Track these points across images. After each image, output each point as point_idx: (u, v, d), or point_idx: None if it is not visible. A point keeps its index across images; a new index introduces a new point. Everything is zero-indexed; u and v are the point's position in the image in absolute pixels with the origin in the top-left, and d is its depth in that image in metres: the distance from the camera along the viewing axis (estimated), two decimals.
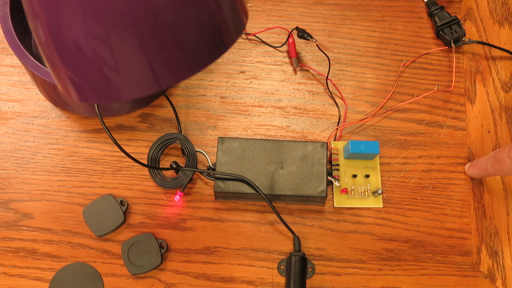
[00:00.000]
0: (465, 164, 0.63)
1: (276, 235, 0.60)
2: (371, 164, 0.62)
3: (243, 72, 0.67)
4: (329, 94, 0.66)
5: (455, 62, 0.67)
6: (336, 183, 0.60)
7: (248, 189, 0.58)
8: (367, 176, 0.61)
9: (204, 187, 0.62)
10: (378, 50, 0.69)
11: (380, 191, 0.60)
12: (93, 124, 0.64)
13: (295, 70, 0.67)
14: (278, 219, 0.59)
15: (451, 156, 0.64)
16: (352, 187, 0.61)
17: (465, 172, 0.63)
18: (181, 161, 0.62)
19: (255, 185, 0.58)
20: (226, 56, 0.68)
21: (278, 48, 0.68)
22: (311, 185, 0.58)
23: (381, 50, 0.69)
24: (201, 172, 0.61)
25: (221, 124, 0.64)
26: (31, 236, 0.59)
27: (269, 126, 0.65)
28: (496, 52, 0.68)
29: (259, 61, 0.68)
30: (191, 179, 0.60)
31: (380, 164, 0.62)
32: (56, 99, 0.62)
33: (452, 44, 0.67)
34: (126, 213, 0.60)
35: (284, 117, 0.65)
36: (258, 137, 0.64)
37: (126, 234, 0.59)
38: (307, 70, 0.67)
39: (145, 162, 0.61)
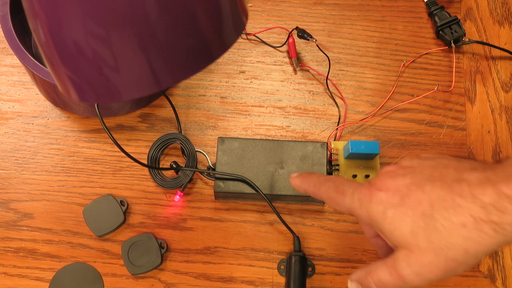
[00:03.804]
0: None
1: (276, 235, 0.60)
2: (371, 164, 0.62)
3: (243, 72, 0.67)
4: (329, 94, 0.66)
5: (455, 62, 0.67)
6: None
7: (248, 189, 0.58)
8: (367, 176, 0.61)
9: (204, 187, 0.62)
10: (378, 50, 0.69)
11: None
12: (93, 124, 0.64)
13: (295, 70, 0.68)
14: (278, 219, 0.59)
15: (451, 156, 0.64)
16: None
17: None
18: (181, 161, 0.62)
19: (255, 185, 0.58)
20: (226, 56, 0.68)
21: (278, 48, 0.68)
22: None
23: (381, 50, 0.69)
24: (201, 172, 0.61)
25: (221, 124, 0.65)
26: (31, 236, 0.59)
27: (269, 126, 0.65)
28: (496, 52, 0.68)
29: (259, 61, 0.68)
30: (191, 179, 0.60)
31: (380, 164, 0.62)
32: (56, 99, 0.62)
33: (452, 44, 0.67)
34: (126, 213, 0.60)
35: (284, 117, 0.65)
36: (258, 137, 0.64)
37: (126, 234, 0.59)
38: (307, 70, 0.67)
39: (145, 162, 0.61)
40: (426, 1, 0.70)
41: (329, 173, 0.60)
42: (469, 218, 0.34)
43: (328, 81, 0.66)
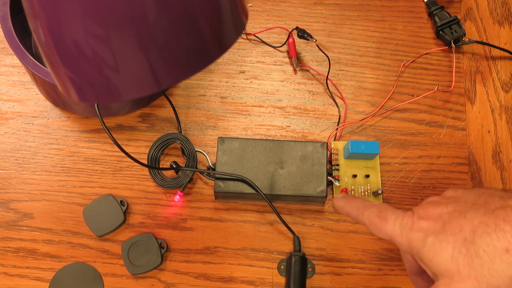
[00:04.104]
0: (465, 164, 0.63)
1: (276, 235, 0.60)
2: (371, 164, 0.62)
3: (243, 72, 0.67)
4: (329, 94, 0.66)
5: (455, 62, 0.67)
6: (336, 183, 0.60)
7: (248, 189, 0.58)
8: (367, 176, 0.61)
9: (204, 187, 0.62)
10: (378, 50, 0.69)
11: (380, 191, 0.60)
12: (93, 124, 0.64)
13: (295, 70, 0.68)
14: (278, 219, 0.59)
15: (451, 156, 0.64)
16: (352, 187, 0.61)
17: (332, 200, 0.49)
18: (181, 161, 0.62)
19: (255, 185, 0.58)
20: (226, 56, 0.68)
21: (278, 48, 0.68)
22: (311, 185, 0.58)
23: (381, 50, 0.69)
24: (201, 172, 0.61)
25: (221, 124, 0.65)
26: (31, 236, 0.59)
27: (269, 126, 0.65)
28: (496, 52, 0.68)
29: (259, 61, 0.68)
30: (191, 179, 0.60)
31: (380, 164, 0.62)
32: (56, 99, 0.62)
33: (452, 44, 0.67)
34: (126, 213, 0.60)
35: (284, 117, 0.65)
36: (258, 137, 0.64)
37: (126, 234, 0.59)
38: (307, 70, 0.67)
39: (145, 162, 0.61)
40: (426, 1, 0.70)
41: (329, 173, 0.60)
42: None
43: (328, 81, 0.66)
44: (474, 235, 0.35)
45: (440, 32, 0.68)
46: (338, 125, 0.65)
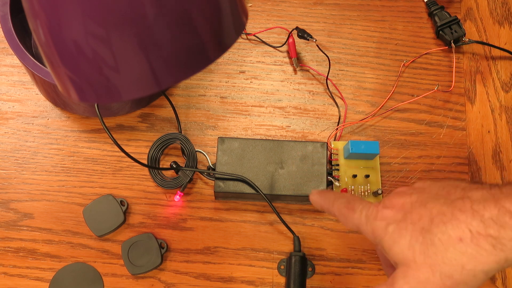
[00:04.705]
0: (465, 164, 0.63)
1: (276, 235, 0.60)
2: (371, 164, 0.62)
3: (243, 72, 0.67)
4: (329, 94, 0.66)
5: (455, 62, 0.67)
6: (336, 183, 0.60)
7: (248, 189, 0.58)
8: (367, 176, 0.61)
9: (204, 187, 0.62)
10: (378, 50, 0.69)
11: (380, 191, 0.60)
12: (93, 124, 0.64)
13: (295, 70, 0.68)
14: (278, 219, 0.59)
15: (451, 156, 0.64)
16: (352, 187, 0.61)
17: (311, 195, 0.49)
18: (181, 161, 0.62)
19: (255, 185, 0.58)
20: (226, 56, 0.68)
21: (278, 48, 0.68)
22: (311, 185, 0.58)
23: (381, 50, 0.69)
24: (201, 172, 0.61)
25: (221, 124, 0.65)
26: (31, 236, 0.59)
27: (269, 126, 0.65)
28: (496, 52, 0.68)
29: (259, 61, 0.68)
30: (191, 179, 0.60)
31: (380, 164, 0.62)
32: (56, 99, 0.62)
33: (452, 44, 0.67)
34: (126, 213, 0.60)
35: (284, 117, 0.65)
36: (258, 137, 0.64)
37: (126, 234, 0.59)
38: (307, 70, 0.67)
39: (145, 162, 0.61)
40: (426, 1, 0.70)
41: (329, 173, 0.60)
42: (466, 232, 0.34)
43: (328, 81, 0.66)
44: (431, 224, 0.35)
45: (440, 32, 0.68)
46: (338, 125, 0.65)
